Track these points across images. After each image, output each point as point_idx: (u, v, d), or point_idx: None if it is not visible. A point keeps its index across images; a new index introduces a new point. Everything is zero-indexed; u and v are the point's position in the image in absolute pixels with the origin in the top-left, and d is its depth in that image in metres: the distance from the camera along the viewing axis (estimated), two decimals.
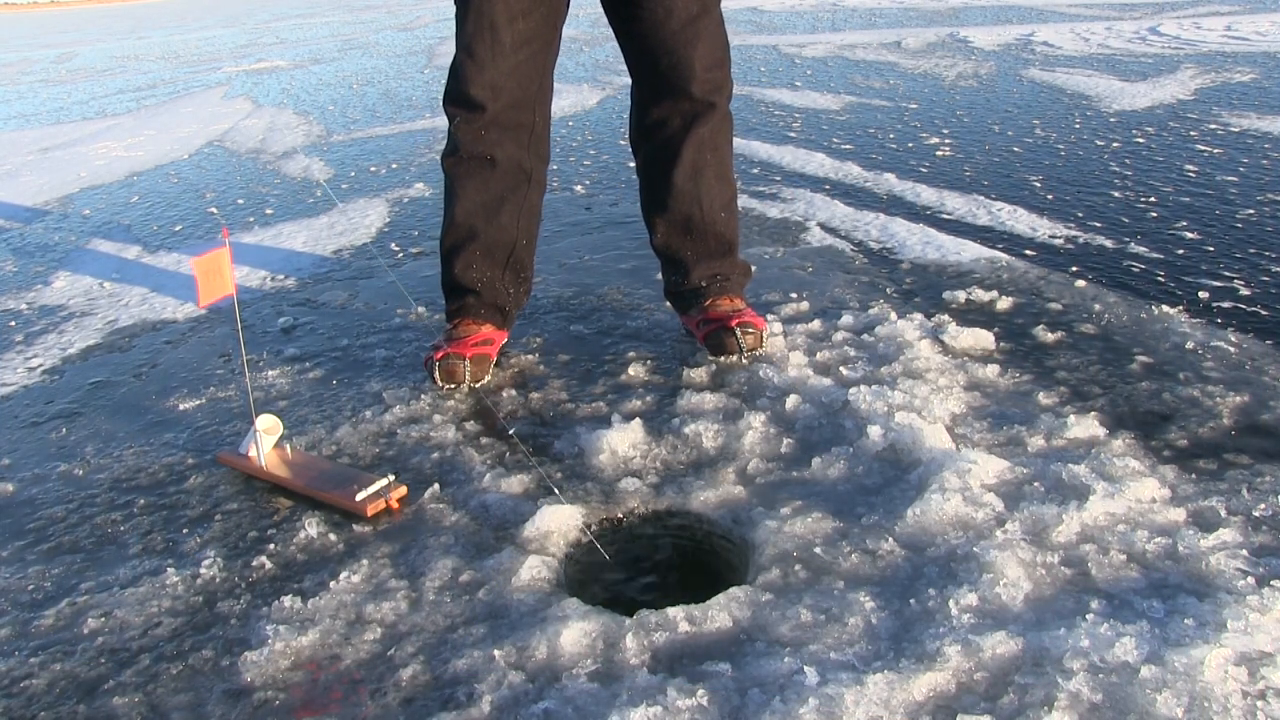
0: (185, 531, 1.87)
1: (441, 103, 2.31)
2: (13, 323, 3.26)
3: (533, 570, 1.61)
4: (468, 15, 2.19)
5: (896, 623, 1.41)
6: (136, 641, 1.56)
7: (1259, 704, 1.20)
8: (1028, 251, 3.12)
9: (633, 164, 2.54)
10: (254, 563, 1.74)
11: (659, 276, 2.58)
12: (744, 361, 2.29)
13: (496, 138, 2.28)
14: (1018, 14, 10.94)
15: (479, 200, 2.34)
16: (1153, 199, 3.61)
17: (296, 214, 4.43)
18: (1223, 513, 1.61)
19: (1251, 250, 2.98)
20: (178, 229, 4.37)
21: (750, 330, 2.30)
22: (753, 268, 2.57)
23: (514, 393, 2.32)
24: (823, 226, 3.56)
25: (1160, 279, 2.80)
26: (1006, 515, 1.61)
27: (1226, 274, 2.79)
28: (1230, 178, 3.81)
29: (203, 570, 1.73)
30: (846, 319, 2.54)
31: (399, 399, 2.33)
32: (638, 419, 2.06)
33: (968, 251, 3.13)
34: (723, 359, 2.34)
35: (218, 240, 3.90)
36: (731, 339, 2.29)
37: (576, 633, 1.43)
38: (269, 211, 4.53)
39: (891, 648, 1.35)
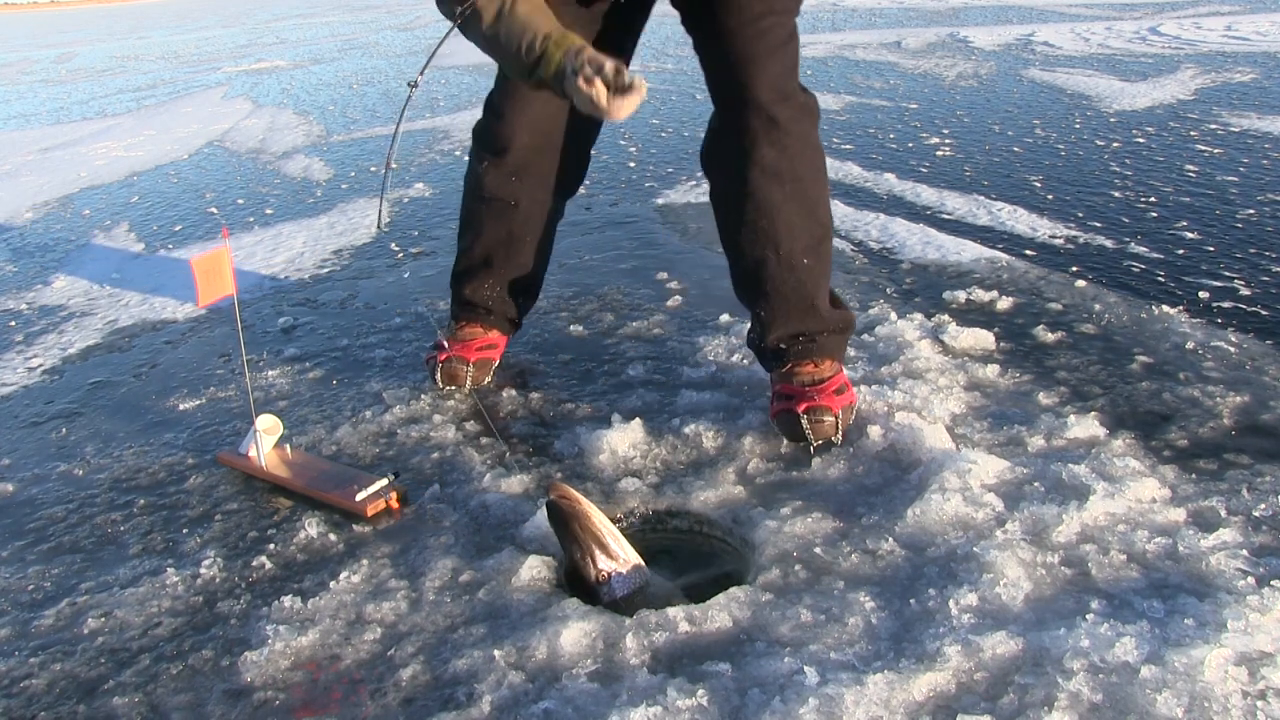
0: (185, 531, 1.87)
1: (471, 132, 2.24)
2: (13, 323, 3.26)
3: (533, 570, 1.61)
4: None
5: (896, 623, 1.41)
6: (136, 641, 1.56)
7: (1259, 704, 1.20)
8: (1028, 251, 3.12)
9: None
10: (254, 563, 1.74)
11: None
12: (812, 450, 1.93)
13: (521, 184, 2.19)
14: (1018, 14, 10.94)
15: (499, 237, 2.28)
16: (1153, 199, 3.61)
17: (296, 214, 4.43)
18: (1223, 513, 1.61)
19: (1251, 250, 2.98)
20: (178, 229, 4.37)
21: (821, 418, 1.89)
22: (854, 318, 2.07)
23: (514, 393, 2.32)
24: None
25: (1160, 279, 2.80)
26: (1006, 515, 1.61)
27: (1226, 274, 2.79)
28: (1230, 178, 3.81)
29: (203, 570, 1.73)
30: None
31: (399, 399, 2.33)
32: (638, 419, 2.06)
33: (968, 251, 3.13)
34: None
35: (218, 240, 3.91)
36: (798, 427, 1.90)
37: (576, 633, 1.43)
38: (269, 211, 4.53)
39: (891, 648, 1.35)
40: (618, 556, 1.53)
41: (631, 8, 2.08)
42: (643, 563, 1.56)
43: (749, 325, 2.07)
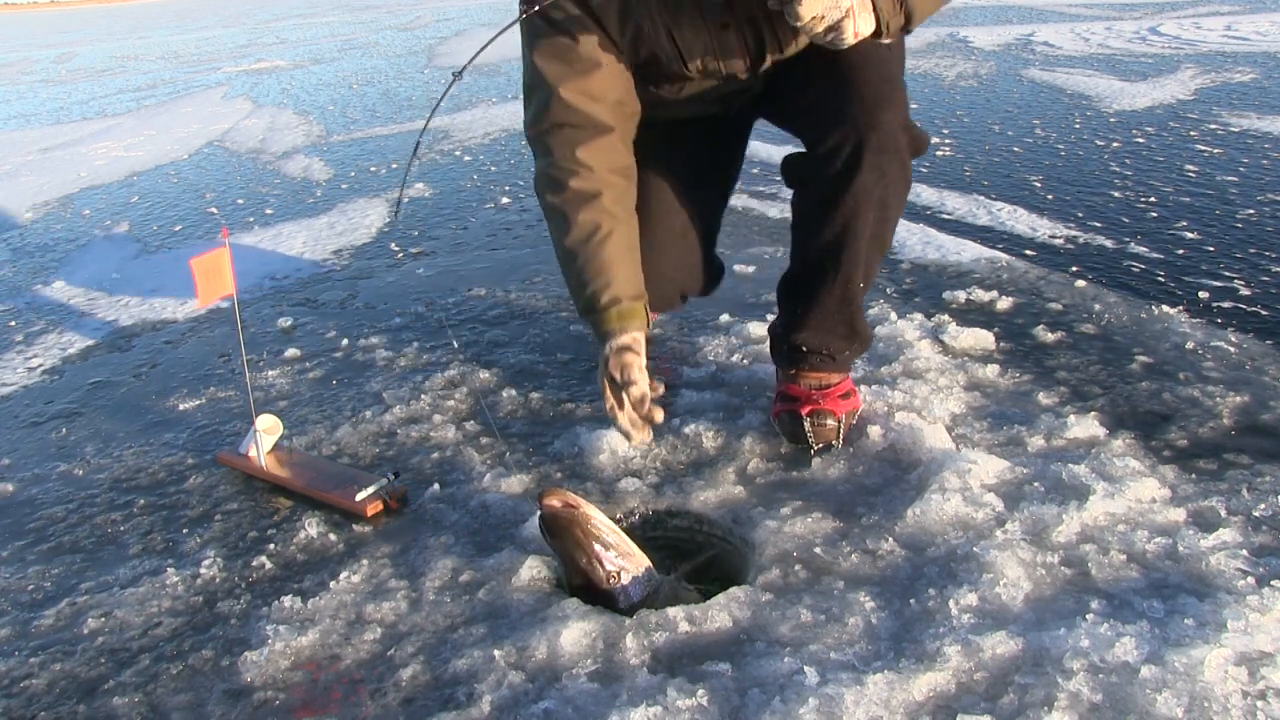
0: (185, 531, 1.87)
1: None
2: (13, 323, 3.26)
3: (533, 570, 1.61)
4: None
5: (896, 623, 1.41)
6: (136, 641, 1.56)
7: (1259, 704, 1.20)
8: (1028, 251, 3.12)
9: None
10: (254, 563, 1.74)
11: None
12: (813, 452, 1.93)
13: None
14: (1018, 14, 10.94)
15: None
16: (1153, 199, 3.60)
17: (296, 214, 4.44)
18: (1223, 513, 1.61)
19: (1251, 250, 2.98)
20: (178, 229, 4.37)
21: (824, 422, 1.91)
22: (872, 336, 2.06)
23: (514, 393, 2.32)
24: None
25: (1160, 279, 2.80)
26: (1006, 515, 1.61)
27: (1226, 274, 2.79)
28: (1230, 178, 3.81)
29: (203, 570, 1.73)
30: None
31: (399, 399, 2.33)
32: None
33: (968, 251, 3.13)
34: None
35: (218, 240, 3.91)
36: (800, 430, 1.93)
37: (576, 633, 1.43)
38: (269, 211, 4.53)
39: (891, 648, 1.35)
40: (626, 553, 1.52)
41: (734, 128, 2.02)
42: (648, 560, 1.56)
43: (775, 315, 2.05)
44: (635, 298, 1.72)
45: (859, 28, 1.51)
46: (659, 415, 1.64)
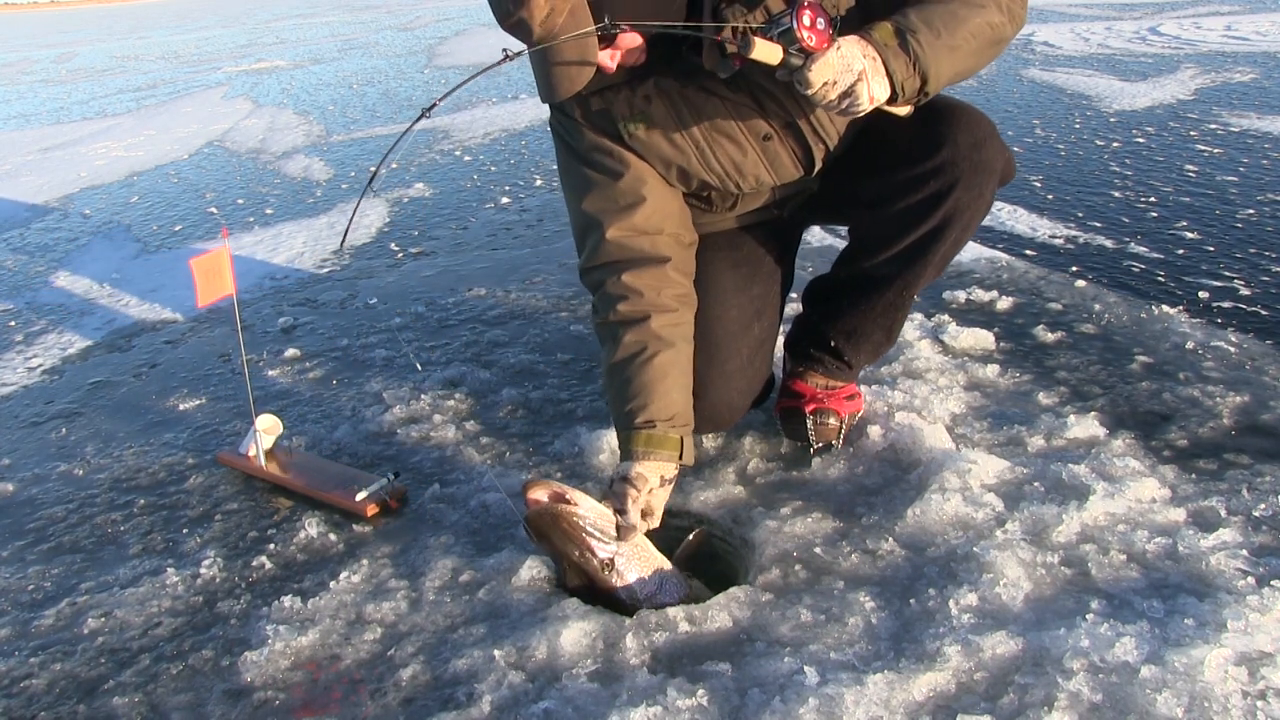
0: (185, 531, 1.87)
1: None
2: (13, 323, 3.26)
3: (532, 570, 1.61)
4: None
5: (896, 623, 1.41)
6: (136, 641, 1.56)
7: (1259, 704, 1.20)
8: (1028, 251, 3.12)
9: None
10: (254, 563, 1.74)
11: None
12: (812, 451, 1.94)
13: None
14: None
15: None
16: (1153, 199, 3.60)
17: (296, 214, 4.43)
18: (1223, 513, 1.61)
19: (1251, 250, 2.98)
20: (178, 229, 4.37)
21: (826, 420, 1.92)
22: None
23: (514, 392, 2.32)
24: (822, 226, 3.55)
25: (1160, 279, 2.80)
26: (1006, 515, 1.61)
27: (1226, 274, 2.79)
28: (1230, 178, 3.81)
29: (203, 570, 1.73)
30: None
31: (399, 399, 2.33)
32: None
33: (967, 251, 3.13)
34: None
35: (218, 240, 3.91)
36: (802, 428, 1.94)
37: (576, 633, 1.43)
38: (269, 211, 4.53)
39: (891, 648, 1.35)
40: (619, 537, 1.52)
41: (789, 231, 1.99)
42: (648, 543, 1.55)
43: (805, 310, 2.01)
44: (672, 423, 1.64)
45: (873, 92, 1.45)
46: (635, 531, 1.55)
